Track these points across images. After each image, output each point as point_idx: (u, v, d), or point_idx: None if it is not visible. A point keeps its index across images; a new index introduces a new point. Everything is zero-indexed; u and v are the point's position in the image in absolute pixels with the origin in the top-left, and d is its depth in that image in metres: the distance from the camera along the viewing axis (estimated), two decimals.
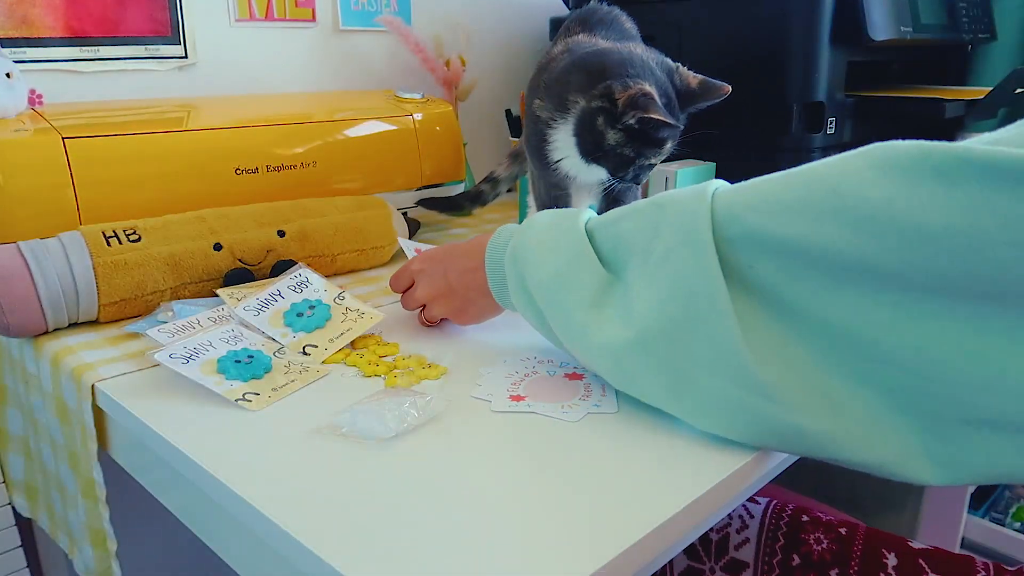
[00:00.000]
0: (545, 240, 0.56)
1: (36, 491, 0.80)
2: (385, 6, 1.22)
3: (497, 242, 0.62)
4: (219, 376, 0.58)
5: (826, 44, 0.97)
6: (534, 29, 1.42)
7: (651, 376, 0.49)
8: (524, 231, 0.58)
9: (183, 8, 1.02)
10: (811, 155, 1.01)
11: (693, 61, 1.08)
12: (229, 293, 0.70)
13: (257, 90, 1.11)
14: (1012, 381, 0.38)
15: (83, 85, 0.97)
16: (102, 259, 0.69)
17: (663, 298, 0.47)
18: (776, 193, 0.45)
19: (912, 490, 1.33)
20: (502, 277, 0.60)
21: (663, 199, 0.51)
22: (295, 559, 0.42)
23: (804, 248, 0.43)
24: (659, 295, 0.48)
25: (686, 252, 0.47)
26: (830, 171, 0.43)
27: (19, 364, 0.74)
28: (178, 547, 1.14)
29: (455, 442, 0.51)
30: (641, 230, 0.51)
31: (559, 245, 0.55)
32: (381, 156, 0.96)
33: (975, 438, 0.41)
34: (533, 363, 0.63)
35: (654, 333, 0.48)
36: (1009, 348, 0.38)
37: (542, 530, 0.41)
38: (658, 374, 0.49)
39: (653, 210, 0.51)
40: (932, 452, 0.42)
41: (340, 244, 0.84)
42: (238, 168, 0.85)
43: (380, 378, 0.61)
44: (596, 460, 0.49)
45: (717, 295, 0.45)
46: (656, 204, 0.51)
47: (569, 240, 0.55)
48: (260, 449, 0.50)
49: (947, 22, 1.13)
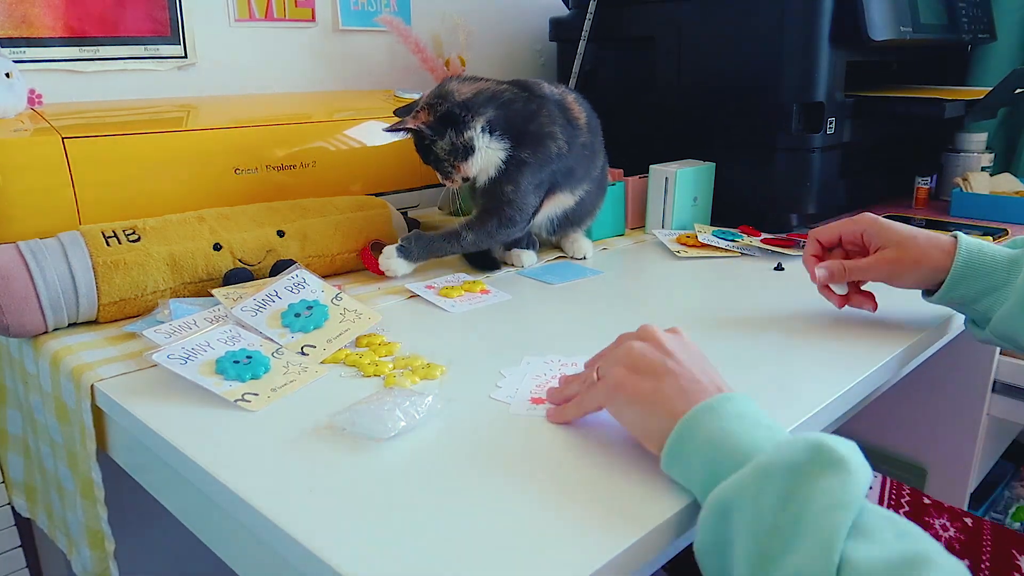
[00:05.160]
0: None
1: (35, 491, 0.80)
2: (385, 6, 1.22)
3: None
4: (218, 376, 0.58)
5: (826, 44, 0.97)
6: (534, 29, 1.42)
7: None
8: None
9: (183, 8, 1.02)
10: (810, 155, 1.01)
11: (693, 61, 1.09)
12: (225, 293, 0.70)
13: (257, 90, 1.11)
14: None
15: (83, 85, 0.97)
16: (102, 259, 0.69)
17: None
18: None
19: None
20: (687, 462, 0.46)
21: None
22: (294, 559, 0.42)
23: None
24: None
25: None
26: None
27: (18, 364, 0.74)
28: (177, 547, 1.14)
29: (455, 442, 0.51)
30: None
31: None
32: (381, 156, 0.96)
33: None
34: (557, 366, 0.62)
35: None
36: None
37: (542, 530, 0.41)
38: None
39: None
40: None
41: (340, 244, 0.84)
42: (238, 168, 0.85)
43: (380, 378, 0.61)
44: (597, 461, 0.48)
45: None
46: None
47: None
48: (260, 449, 0.50)
49: (947, 22, 1.13)
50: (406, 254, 0.83)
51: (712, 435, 0.44)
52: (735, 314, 0.74)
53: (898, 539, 0.38)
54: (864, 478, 0.40)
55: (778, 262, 0.91)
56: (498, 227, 0.83)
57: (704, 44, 1.07)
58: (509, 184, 0.82)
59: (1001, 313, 0.62)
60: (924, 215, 1.14)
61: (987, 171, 1.21)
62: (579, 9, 1.19)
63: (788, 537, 0.38)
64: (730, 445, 0.43)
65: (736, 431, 0.44)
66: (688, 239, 0.99)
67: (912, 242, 0.66)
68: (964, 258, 0.64)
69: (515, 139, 0.82)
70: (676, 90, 1.11)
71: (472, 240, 0.84)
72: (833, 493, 0.39)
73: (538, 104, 0.84)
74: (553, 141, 0.83)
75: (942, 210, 1.17)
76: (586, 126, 0.88)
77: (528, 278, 0.87)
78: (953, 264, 0.64)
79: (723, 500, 0.41)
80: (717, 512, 0.41)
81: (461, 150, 0.80)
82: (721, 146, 1.08)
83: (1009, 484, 1.45)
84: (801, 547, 0.38)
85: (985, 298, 0.64)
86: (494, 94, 0.82)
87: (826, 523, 0.38)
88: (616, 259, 0.95)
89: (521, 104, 0.83)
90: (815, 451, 0.40)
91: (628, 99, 1.18)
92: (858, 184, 1.16)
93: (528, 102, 0.84)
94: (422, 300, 0.79)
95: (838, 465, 0.39)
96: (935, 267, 0.65)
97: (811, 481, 0.39)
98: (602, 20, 1.17)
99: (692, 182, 1.05)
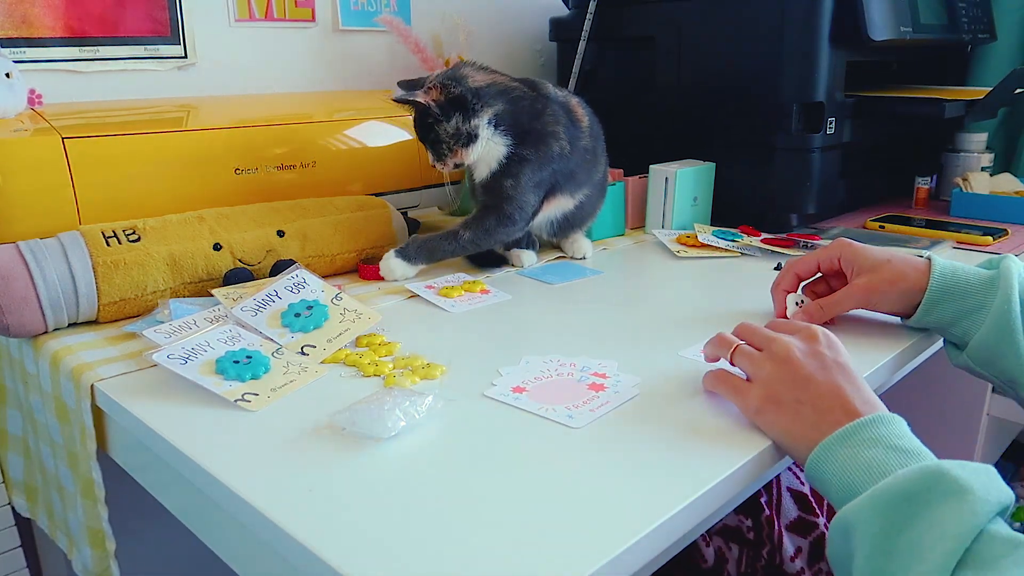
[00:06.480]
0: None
1: (35, 491, 0.80)
2: (385, 6, 1.22)
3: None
4: (218, 376, 0.58)
5: (826, 44, 0.97)
6: (534, 29, 1.42)
7: None
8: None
9: (183, 8, 1.02)
10: (810, 155, 1.01)
11: (693, 61, 1.09)
12: (225, 293, 0.70)
13: (257, 90, 1.11)
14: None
15: (83, 85, 0.97)
16: (101, 259, 0.69)
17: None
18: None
19: None
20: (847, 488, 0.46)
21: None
22: (294, 559, 0.42)
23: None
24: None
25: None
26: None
27: (18, 364, 0.74)
28: (177, 547, 1.14)
29: (455, 442, 0.51)
30: None
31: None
32: (381, 156, 0.96)
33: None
34: (555, 366, 0.62)
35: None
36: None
37: (542, 530, 0.41)
38: None
39: None
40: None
41: (340, 244, 0.84)
42: (238, 168, 0.85)
43: (380, 378, 0.61)
44: (596, 461, 0.48)
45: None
46: None
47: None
48: (259, 449, 0.50)
49: (947, 22, 1.13)
50: (405, 256, 0.83)
51: (846, 461, 0.47)
52: (735, 314, 0.74)
53: (1017, 566, 0.38)
54: (990, 503, 0.40)
55: (778, 262, 0.91)
56: (497, 225, 0.83)
57: (704, 44, 1.07)
58: (509, 179, 0.82)
59: (979, 337, 0.61)
60: (924, 215, 1.14)
61: (987, 171, 1.21)
62: (579, 9, 1.19)
63: (896, 565, 0.40)
64: (866, 468, 0.46)
65: (874, 457, 0.46)
66: (688, 239, 0.99)
67: (886, 265, 0.66)
68: (938, 280, 0.64)
69: (519, 136, 0.82)
70: (676, 90, 1.11)
71: (470, 238, 0.84)
72: (945, 524, 0.40)
73: (543, 103, 0.84)
74: (556, 140, 0.83)
75: (942, 210, 1.17)
76: (588, 130, 0.89)
77: (528, 278, 0.87)
78: (928, 285, 0.64)
79: (844, 521, 0.44)
80: (840, 531, 0.44)
81: (464, 136, 0.80)
82: (721, 146, 1.08)
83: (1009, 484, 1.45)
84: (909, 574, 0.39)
85: (962, 321, 0.63)
86: (505, 88, 0.83)
87: (935, 553, 0.39)
88: (616, 259, 0.95)
89: (528, 102, 0.84)
90: (934, 479, 0.41)
91: (628, 99, 1.18)
92: (858, 184, 1.16)
93: (535, 101, 0.84)
94: (422, 300, 0.79)
95: (957, 494, 0.41)
96: (911, 287, 0.65)
97: (923, 511, 0.41)
98: (602, 20, 1.17)
99: (692, 182, 1.05)
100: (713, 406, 0.55)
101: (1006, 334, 0.60)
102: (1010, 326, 0.60)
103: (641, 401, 0.56)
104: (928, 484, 0.41)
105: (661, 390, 0.58)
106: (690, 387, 0.59)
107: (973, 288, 0.63)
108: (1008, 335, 0.60)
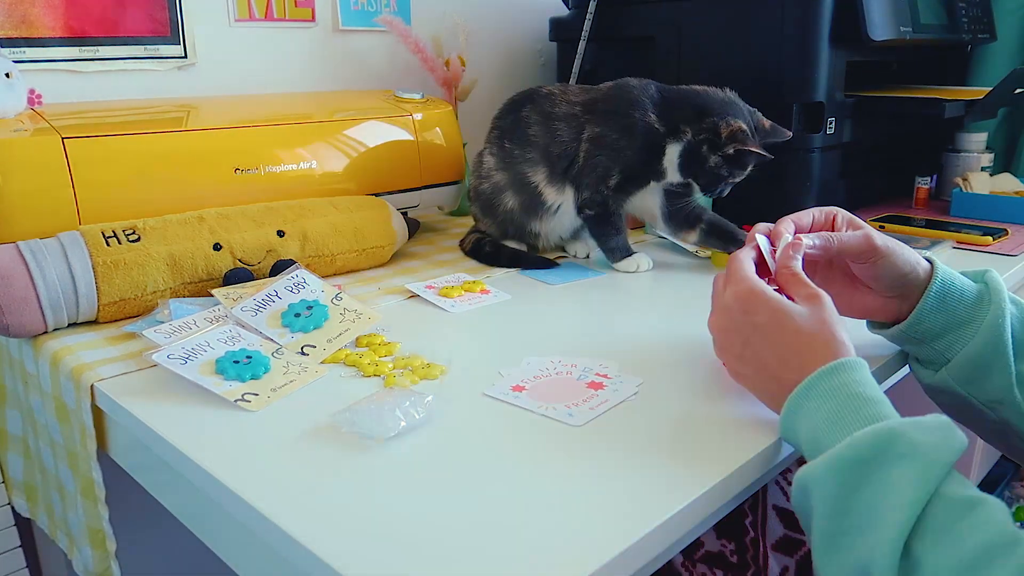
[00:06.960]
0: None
1: (35, 491, 0.80)
2: (385, 6, 1.22)
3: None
4: (218, 376, 0.58)
5: (826, 44, 0.97)
6: (534, 29, 1.42)
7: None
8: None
9: (183, 8, 1.02)
10: (810, 155, 1.01)
11: (693, 61, 1.09)
12: (225, 293, 0.70)
13: (257, 90, 1.11)
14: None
15: (83, 85, 0.97)
16: (101, 259, 0.69)
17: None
18: None
19: None
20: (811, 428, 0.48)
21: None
22: (294, 559, 0.42)
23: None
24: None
25: None
26: None
27: (18, 364, 0.74)
28: (177, 547, 1.14)
29: (455, 442, 0.51)
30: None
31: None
32: (381, 156, 0.96)
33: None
34: (556, 366, 0.62)
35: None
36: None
37: (542, 529, 0.41)
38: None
39: None
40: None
41: (339, 244, 0.84)
42: (238, 168, 0.85)
43: (380, 378, 0.61)
44: (597, 460, 0.48)
45: None
46: None
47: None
48: (260, 449, 0.50)
49: (947, 22, 1.13)
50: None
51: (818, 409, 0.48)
52: None
53: (972, 531, 0.39)
54: (942, 463, 0.41)
55: None
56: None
57: (704, 44, 1.07)
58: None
59: (966, 352, 0.57)
60: (924, 215, 1.14)
61: (987, 171, 1.21)
62: (579, 9, 1.19)
63: (851, 525, 0.41)
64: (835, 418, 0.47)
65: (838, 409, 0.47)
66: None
67: (896, 245, 0.60)
68: (939, 285, 0.59)
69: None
70: None
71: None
72: (898, 489, 0.40)
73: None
74: None
75: (942, 210, 1.17)
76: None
77: (528, 278, 0.87)
78: (929, 286, 0.59)
79: (803, 482, 0.45)
80: (800, 489, 0.45)
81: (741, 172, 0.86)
82: None
83: (1009, 484, 1.45)
84: (861, 539, 0.41)
85: (948, 334, 0.58)
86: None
87: (888, 522, 0.40)
88: None
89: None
90: (887, 441, 0.42)
91: None
92: (858, 184, 1.16)
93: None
94: (422, 300, 0.79)
95: (909, 457, 0.41)
96: (913, 280, 0.59)
97: (876, 473, 0.41)
98: (602, 20, 1.17)
99: None
100: (713, 406, 0.55)
101: (998, 350, 0.56)
102: (1003, 342, 0.56)
103: (641, 400, 0.56)
104: (882, 447, 0.42)
105: (662, 390, 0.58)
106: (691, 387, 0.59)
107: (966, 301, 0.58)
108: (1000, 351, 0.56)
